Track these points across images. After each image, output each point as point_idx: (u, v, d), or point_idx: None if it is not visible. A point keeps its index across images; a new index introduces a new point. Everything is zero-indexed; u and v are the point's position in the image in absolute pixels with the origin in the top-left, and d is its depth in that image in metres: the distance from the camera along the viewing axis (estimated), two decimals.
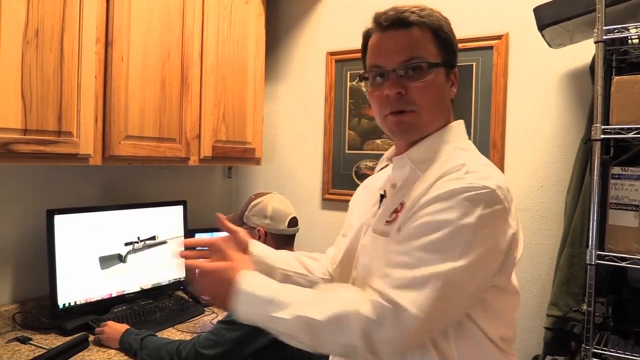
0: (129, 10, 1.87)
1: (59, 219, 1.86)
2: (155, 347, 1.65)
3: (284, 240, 1.87)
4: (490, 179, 0.90)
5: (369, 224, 1.09)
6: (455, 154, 1.00)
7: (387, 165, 1.19)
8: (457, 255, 0.85)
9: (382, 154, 2.52)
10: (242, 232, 1.19)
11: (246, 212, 1.87)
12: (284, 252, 1.31)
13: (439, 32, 1.02)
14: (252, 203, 1.88)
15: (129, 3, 1.87)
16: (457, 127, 1.08)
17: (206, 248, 1.13)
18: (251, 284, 0.93)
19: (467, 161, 0.95)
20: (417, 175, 1.01)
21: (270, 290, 0.93)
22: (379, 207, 1.09)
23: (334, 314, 0.85)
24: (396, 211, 0.99)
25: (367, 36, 1.08)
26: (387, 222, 1.00)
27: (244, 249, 1.16)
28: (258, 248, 1.21)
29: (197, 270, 0.99)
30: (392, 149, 1.16)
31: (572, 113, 2.04)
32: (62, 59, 1.65)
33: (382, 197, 1.10)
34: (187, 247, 1.22)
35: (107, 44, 1.81)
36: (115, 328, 1.77)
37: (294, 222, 1.90)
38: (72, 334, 1.78)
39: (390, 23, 1.00)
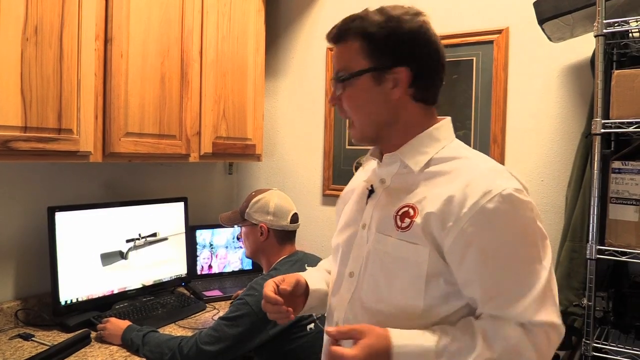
0: (127, 6, 1.86)
1: (60, 216, 1.86)
2: (157, 343, 1.65)
3: (285, 236, 1.87)
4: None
5: (357, 218, 1.12)
6: (464, 153, 1.05)
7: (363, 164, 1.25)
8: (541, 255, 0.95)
9: None
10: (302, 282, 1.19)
11: (247, 209, 1.88)
12: (314, 271, 1.34)
13: (367, 36, 1.02)
14: (254, 200, 1.89)
15: (128, 0, 1.87)
16: (445, 125, 1.09)
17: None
18: (405, 340, 0.92)
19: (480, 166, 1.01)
20: (409, 173, 1.05)
21: (423, 344, 0.91)
22: (366, 202, 1.11)
23: (508, 348, 0.90)
24: (408, 215, 0.99)
25: None
26: (401, 228, 0.99)
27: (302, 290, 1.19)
28: (315, 285, 1.23)
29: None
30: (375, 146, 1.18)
31: (573, 107, 2.04)
32: (61, 56, 1.65)
33: (371, 191, 1.11)
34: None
35: (107, 41, 1.81)
36: (117, 324, 1.77)
37: (295, 218, 1.90)
38: (75, 331, 1.79)
39: (330, 40, 1.08)
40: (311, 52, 2.70)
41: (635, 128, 1.53)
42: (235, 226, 2.03)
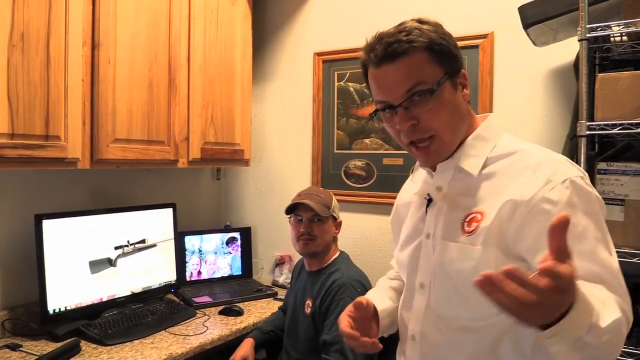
0: (115, 12, 1.86)
1: (47, 224, 1.84)
2: None
3: None
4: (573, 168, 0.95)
5: (419, 229, 1.10)
6: (517, 146, 1.02)
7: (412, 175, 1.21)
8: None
9: (371, 153, 2.52)
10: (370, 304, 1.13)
11: (332, 204, 1.99)
12: (375, 292, 1.31)
13: (432, 46, 0.97)
14: (332, 196, 2.03)
15: (115, 5, 1.86)
16: (491, 123, 1.07)
17: None
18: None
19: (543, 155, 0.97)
20: (467, 177, 1.01)
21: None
22: (425, 211, 1.09)
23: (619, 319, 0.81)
24: (475, 220, 0.97)
25: (365, 67, 1.04)
26: (467, 232, 0.97)
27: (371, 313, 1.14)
28: (381, 305, 1.19)
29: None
30: None
31: (557, 110, 2.07)
32: (48, 62, 1.64)
33: (429, 200, 1.09)
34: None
35: (94, 47, 1.81)
36: None
37: None
38: (63, 340, 1.77)
39: (381, 59, 0.98)
40: (298, 57, 2.70)
41: (619, 130, 1.55)
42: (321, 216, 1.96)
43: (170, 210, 2.36)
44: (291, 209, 1.98)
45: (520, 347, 0.94)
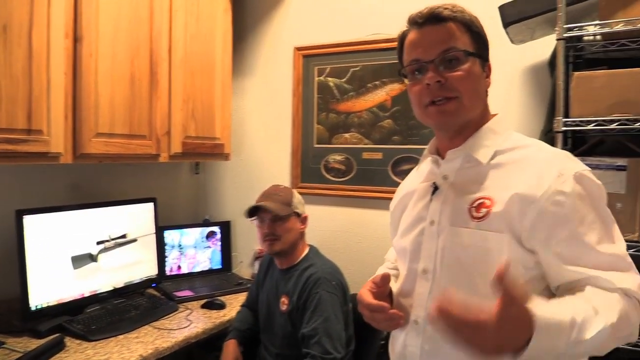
0: (97, 4, 1.84)
1: (28, 220, 1.81)
2: None
3: None
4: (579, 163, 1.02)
5: (422, 216, 1.13)
6: (525, 142, 1.09)
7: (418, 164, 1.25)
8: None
9: (350, 148, 2.55)
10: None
11: (293, 201, 1.97)
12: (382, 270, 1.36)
13: (471, 26, 1.08)
14: (293, 193, 2.02)
15: None
16: (502, 119, 1.15)
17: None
18: (546, 313, 0.82)
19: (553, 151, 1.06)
20: (474, 166, 1.08)
21: (563, 313, 0.85)
22: (430, 199, 1.12)
23: (621, 312, 0.89)
24: (484, 206, 1.01)
25: (402, 37, 1.14)
26: (477, 218, 1.02)
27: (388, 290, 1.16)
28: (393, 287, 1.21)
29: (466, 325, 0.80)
30: (431, 144, 1.21)
31: (532, 106, 2.14)
32: (30, 55, 1.62)
33: (435, 188, 1.12)
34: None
35: (76, 40, 1.78)
36: None
37: None
38: (46, 336, 1.75)
39: (426, 19, 1.07)
40: (278, 51, 2.71)
41: (594, 126, 1.62)
42: (249, 219, 1.98)
43: (151, 205, 2.35)
44: (252, 212, 1.96)
45: None
